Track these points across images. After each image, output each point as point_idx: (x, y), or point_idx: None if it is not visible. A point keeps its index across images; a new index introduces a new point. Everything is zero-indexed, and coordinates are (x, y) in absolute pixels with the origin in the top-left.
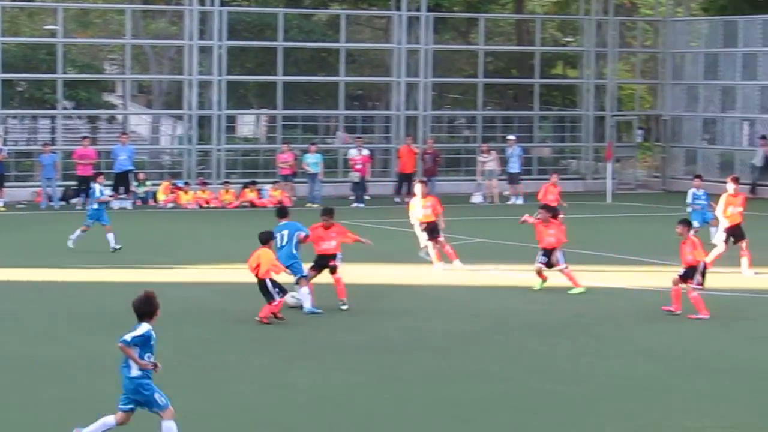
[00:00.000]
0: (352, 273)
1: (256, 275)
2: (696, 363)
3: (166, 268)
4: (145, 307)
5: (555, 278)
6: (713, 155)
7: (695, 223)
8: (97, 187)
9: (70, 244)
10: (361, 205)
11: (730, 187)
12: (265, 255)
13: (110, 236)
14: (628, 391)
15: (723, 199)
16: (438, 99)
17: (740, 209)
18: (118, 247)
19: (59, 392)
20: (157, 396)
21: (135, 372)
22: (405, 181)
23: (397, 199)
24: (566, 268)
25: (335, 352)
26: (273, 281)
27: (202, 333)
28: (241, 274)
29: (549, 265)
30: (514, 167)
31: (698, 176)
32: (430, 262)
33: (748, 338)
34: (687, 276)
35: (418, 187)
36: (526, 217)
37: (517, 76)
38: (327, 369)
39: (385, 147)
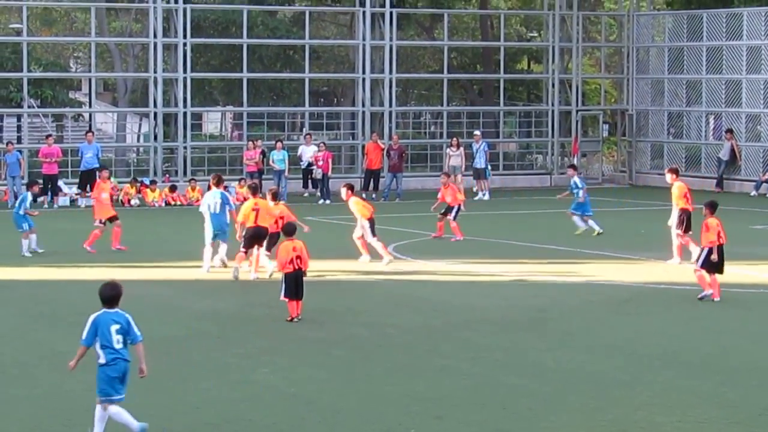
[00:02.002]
0: (314, 269)
1: (297, 269)
2: (664, 357)
3: (130, 266)
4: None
5: (518, 272)
6: (679, 149)
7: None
8: (29, 195)
9: (26, 253)
10: (328, 201)
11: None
12: (302, 246)
13: (27, 241)
14: (595, 386)
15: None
16: (403, 95)
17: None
18: (40, 250)
19: (26, 391)
20: None
21: None
22: (372, 177)
23: (363, 196)
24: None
25: (301, 348)
26: None
27: (168, 330)
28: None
29: None
30: (480, 162)
31: (571, 166)
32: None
33: (716, 332)
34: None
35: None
36: None
37: (481, 72)
38: (294, 366)
39: (351, 143)
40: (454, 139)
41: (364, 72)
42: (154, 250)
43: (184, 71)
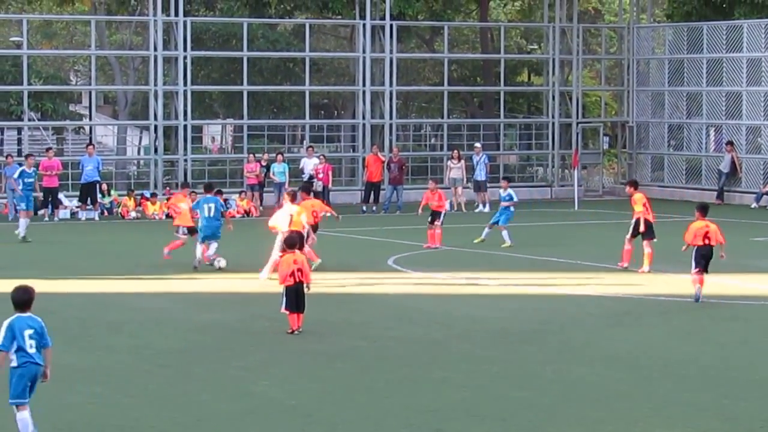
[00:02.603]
0: (317, 282)
1: (298, 282)
2: (664, 369)
3: (131, 279)
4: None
5: (518, 284)
6: (680, 161)
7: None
8: None
9: None
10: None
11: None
12: (303, 259)
13: None
14: (595, 398)
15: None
16: (403, 107)
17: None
18: None
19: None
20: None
21: None
22: (372, 189)
23: (364, 208)
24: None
25: (302, 361)
26: None
27: (168, 343)
28: (205, 283)
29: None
30: (480, 175)
31: (505, 179)
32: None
33: (716, 344)
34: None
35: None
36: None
37: (482, 84)
38: (294, 378)
39: (352, 156)
40: (455, 151)
41: (364, 84)
42: (154, 263)
43: (185, 84)
